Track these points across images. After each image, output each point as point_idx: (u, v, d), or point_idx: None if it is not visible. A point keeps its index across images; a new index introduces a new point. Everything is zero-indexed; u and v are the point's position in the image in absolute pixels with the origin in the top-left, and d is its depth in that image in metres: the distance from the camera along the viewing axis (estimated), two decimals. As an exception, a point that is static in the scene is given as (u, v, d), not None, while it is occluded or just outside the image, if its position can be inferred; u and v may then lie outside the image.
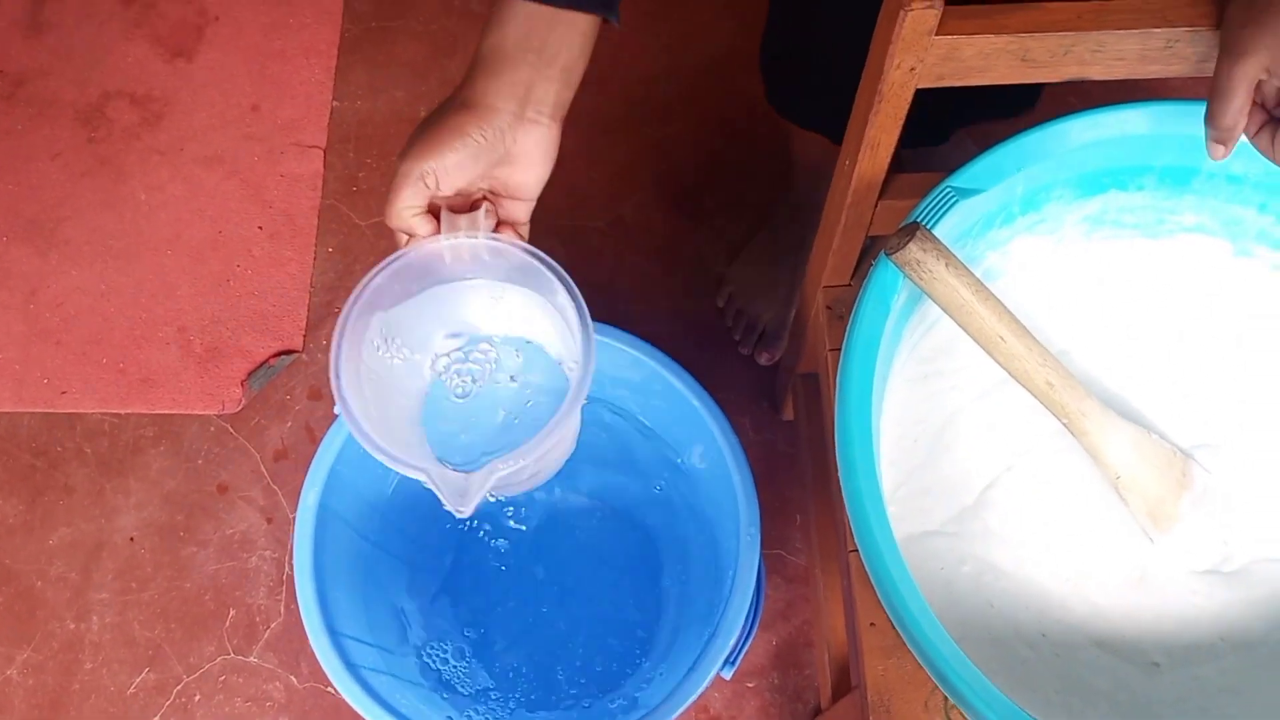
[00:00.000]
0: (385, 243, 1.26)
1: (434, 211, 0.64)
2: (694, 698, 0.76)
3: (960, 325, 0.69)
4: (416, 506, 0.98)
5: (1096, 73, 0.66)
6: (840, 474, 0.65)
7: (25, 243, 1.25)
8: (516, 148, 0.62)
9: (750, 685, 1.06)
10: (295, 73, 1.35)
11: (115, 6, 1.38)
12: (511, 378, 0.73)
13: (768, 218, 1.22)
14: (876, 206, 0.79)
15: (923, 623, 0.62)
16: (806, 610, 1.09)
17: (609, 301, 1.23)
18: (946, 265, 0.66)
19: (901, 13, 0.61)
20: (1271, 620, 0.74)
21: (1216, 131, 0.62)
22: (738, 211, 1.26)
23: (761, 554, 0.83)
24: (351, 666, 0.78)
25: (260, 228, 1.27)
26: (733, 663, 0.78)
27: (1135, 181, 0.77)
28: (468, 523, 1.05)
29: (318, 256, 1.26)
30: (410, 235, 0.64)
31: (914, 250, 0.64)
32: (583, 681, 1.00)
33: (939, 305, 0.67)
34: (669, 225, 1.26)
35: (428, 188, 0.62)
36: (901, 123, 0.71)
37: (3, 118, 1.31)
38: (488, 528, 1.06)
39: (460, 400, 0.72)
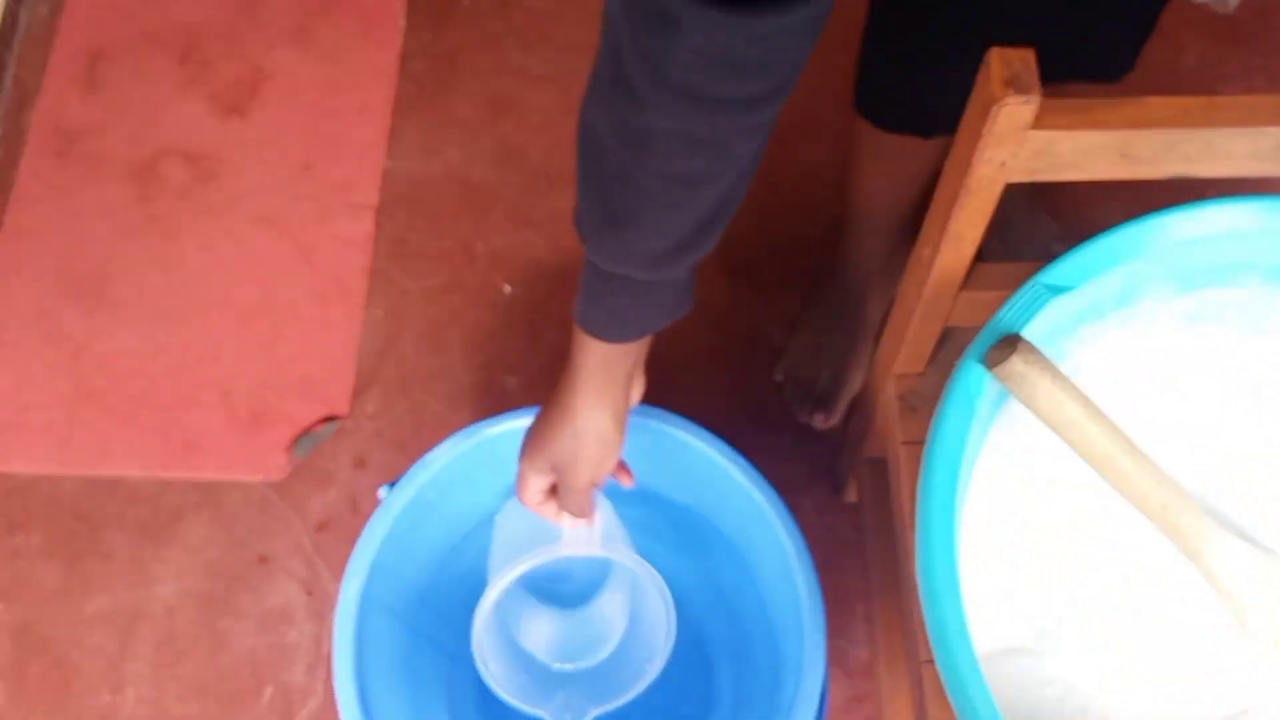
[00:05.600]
0: (434, 308, 1.23)
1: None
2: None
3: (1065, 441, 0.64)
4: (459, 593, 0.95)
5: (1201, 170, 0.62)
6: (923, 598, 0.61)
7: (74, 301, 1.24)
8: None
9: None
10: (348, 132, 1.33)
11: (170, 64, 1.37)
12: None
13: (821, 281, 1.18)
14: (956, 298, 0.75)
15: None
16: (868, 708, 1.03)
17: (661, 374, 1.18)
18: (1051, 379, 0.62)
19: (994, 107, 0.57)
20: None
21: None
22: (796, 284, 1.22)
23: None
24: (393, 773, 0.74)
25: (309, 290, 1.24)
26: (794, 781, 0.74)
27: (1238, 279, 0.72)
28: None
29: (366, 320, 1.23)
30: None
31: (1017, 364, 0.60)
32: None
33: (1041, 420, 0.63)
34: (726, 297, 1.22)
35: (546, 477, 0.72)
36: (990, 216, 0.67)
37: (56, 174, 1.30)
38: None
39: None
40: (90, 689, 1.08)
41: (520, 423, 0.84)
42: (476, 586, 0.97)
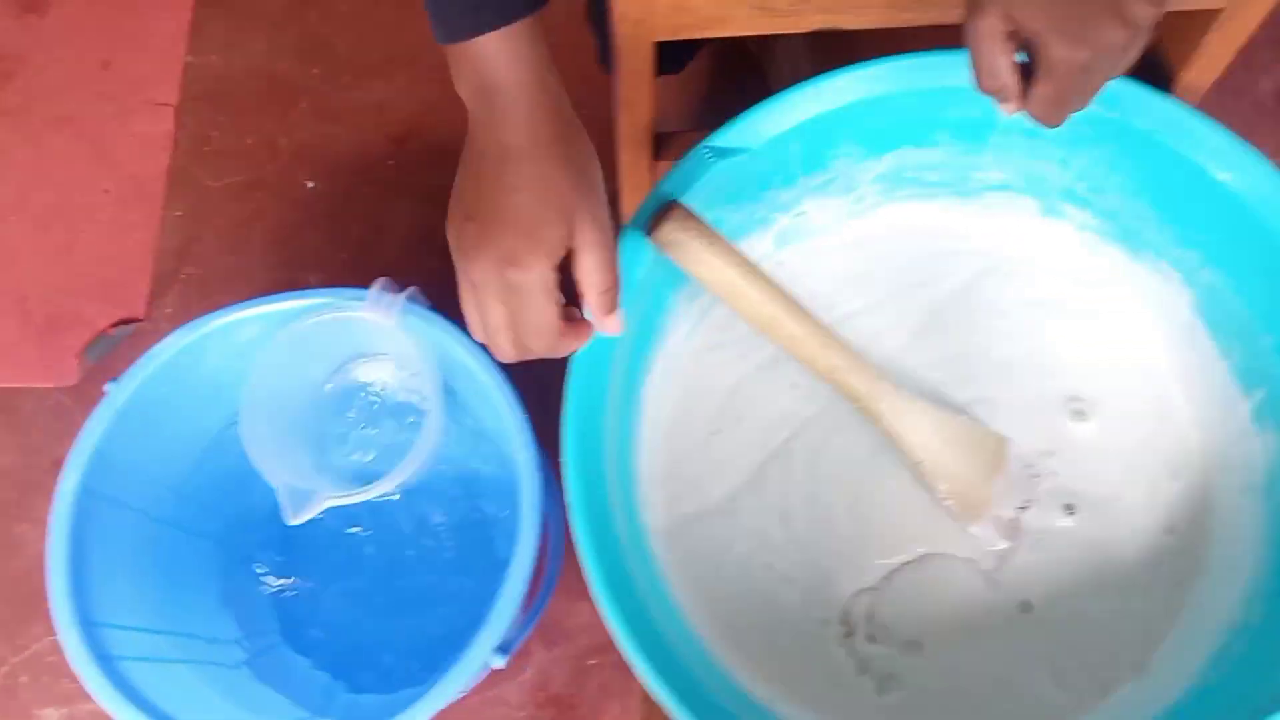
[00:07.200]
0: (235, 206, 1.21)
1: None
2: (453, 694, 0.72)
3: (731, 307, 0.64)
4: (221, 485, 0.94)
5: (846, 21, 0.61)
6: (564, 473, 0.61)
7: None
8: None
9: (592, 663, 1.02)
10: (149, 26, 1.29)
11: (-39, -40, 1.31)
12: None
13: None
14: (655, 168, 0.74)
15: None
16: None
17: (381, 253, 1.18)
18: (709, 245, 0.62)
19: (611, -41, 0.56)
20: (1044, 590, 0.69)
21: (983, 92, 0.56)
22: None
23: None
24: (106, 659, 0.74)
25: (107, 191, 1.22)
26: (505, 651, 0.74)
27: (929, 137, 0.71)
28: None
29: (165, 220, 1.21)
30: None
31: (670, 230, 0.60)
32: (410, 664, 0.96)
33: (705, 286, 0.63)
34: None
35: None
36: (650, 78, 0.65)
37: None
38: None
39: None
40: (-115, 597, 1.08)
41: (245, 313, 0.83)
42: (239, 478, 0.97)
